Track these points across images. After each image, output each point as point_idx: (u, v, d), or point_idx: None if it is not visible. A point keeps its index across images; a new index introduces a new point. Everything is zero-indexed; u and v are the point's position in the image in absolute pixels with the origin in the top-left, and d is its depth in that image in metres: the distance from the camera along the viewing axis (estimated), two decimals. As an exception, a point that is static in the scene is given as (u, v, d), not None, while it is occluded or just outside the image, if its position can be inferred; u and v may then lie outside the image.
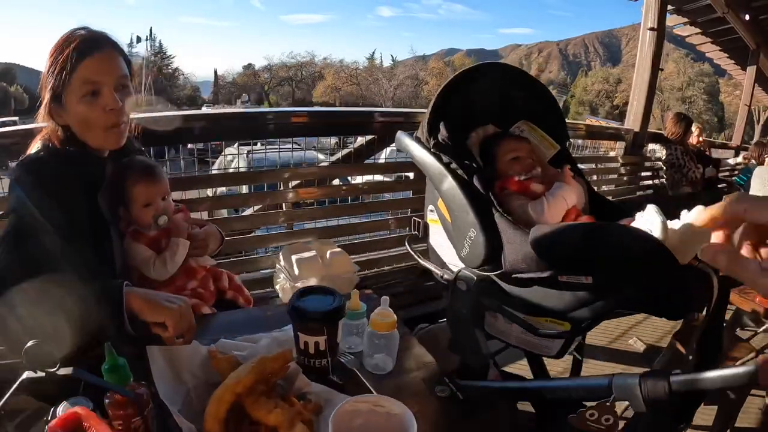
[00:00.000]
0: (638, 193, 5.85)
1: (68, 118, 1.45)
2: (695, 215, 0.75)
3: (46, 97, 1.43)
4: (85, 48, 1.41)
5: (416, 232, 1.87)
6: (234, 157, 4.06)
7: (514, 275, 1.41)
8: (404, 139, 1.77)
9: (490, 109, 1.88)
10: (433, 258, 1.82)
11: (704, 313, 1.32)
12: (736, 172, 7.75)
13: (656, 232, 1.17)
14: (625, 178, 5.61)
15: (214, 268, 1.86)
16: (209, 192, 2.86)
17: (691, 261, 1.20)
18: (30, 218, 1.30)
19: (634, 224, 1.29)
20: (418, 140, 1.71)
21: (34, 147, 1.48)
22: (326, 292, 1.27)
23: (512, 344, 1.61)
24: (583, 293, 1.34)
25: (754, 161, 6.97)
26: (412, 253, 1.86)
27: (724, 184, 6.41)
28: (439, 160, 1.59)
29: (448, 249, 1.66)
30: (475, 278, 1.47)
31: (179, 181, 2.50)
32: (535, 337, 1.50)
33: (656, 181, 5.78)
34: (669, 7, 5.90)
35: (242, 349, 1.27)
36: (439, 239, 1.74)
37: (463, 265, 1.54)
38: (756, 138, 13.40)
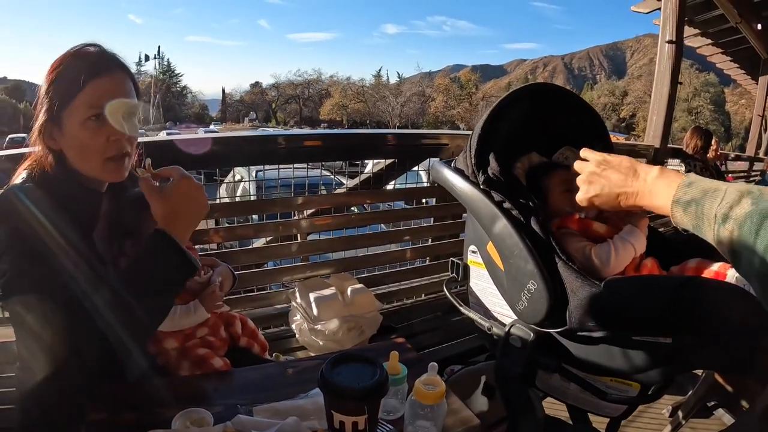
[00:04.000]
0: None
1: (64, 143, 1.27)
2: None
3: (42, 116, 1.25)
4: (96, 66, 1.25)
5: (454, 275, 1.67)
6: (242, 177, 3.91)
7: (579, 333, 1.22)
8: (444, 171, 1.56)
9: (533, 135, 1.68)
10: (475, 304, 1.62)
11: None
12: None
13: None
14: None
15: (226, 313, 1.68)
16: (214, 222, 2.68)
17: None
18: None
19: (727, 278, 1.11)
20: (461, 173, 1.51)
21: (19, 177, 1.28)
22: (364, 360, 1.07)
23: (569, 403, 1.42)
24: (658, 353, 1.16)
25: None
26: (454, 300, 1.65)
27: None
28: (490, 198, 1.39)
29: (493, 296, 1.47)
30: (533, 335, 1.28)
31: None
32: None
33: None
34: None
35: (264, 428, 1.08)
36: (482, 284, 1.54)
37: (516, 318, 1.35)
38: (765, 146, 13.36)
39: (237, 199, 3.52)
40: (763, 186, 0.89)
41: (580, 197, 1.23)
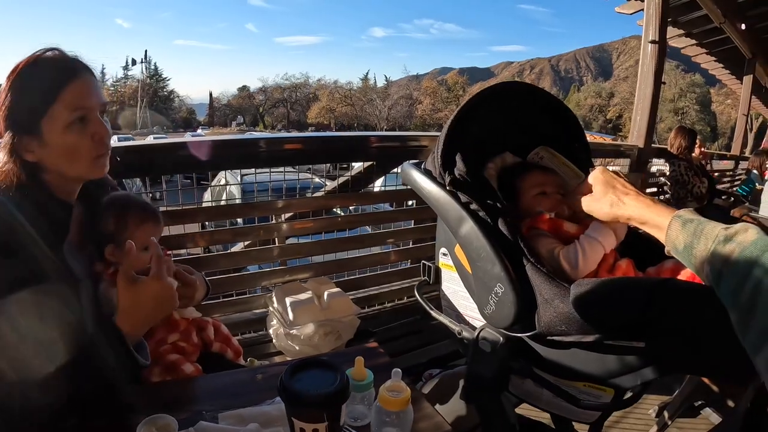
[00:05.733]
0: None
1: (45, 152, 1.23)
2: None
3: (9, 134, 1.21)
4: (68, 70, 1.23)
5: (426, 278, 1.64)
6: (227, 180, 3.88)
7: (549, 337, 1.19)
8: (412, 173, 1.52)
9: (506, 135, 1.65)
10: (447, 308, 1.59)
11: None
12: (737, 183, 7.72)
13: None
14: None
15: (198, 318, 1.66)
16: (197, 227, 2.64)
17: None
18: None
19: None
20: (429, 174, 1.47)
21: None
22: (325, 366, 1.04)
23: (542, 408, 1.40)
24: (631, 358, 1.13)
25: (755, 171, 6.95)
26: (424, 304, 1.62)
27: (727, 196, 6.47)
28: (457, 199, 1.35)
29: (465, 299, 1.44)
30: (503, 339, 1.25)
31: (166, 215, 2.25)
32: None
33: (661, 197, 5.65)
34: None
35: (226, 436, 1.06)
36: (453, 287, 1.51)
37: (486, 322, 1.32)
38: (750, 145, 13.49)
39: (222, 203, 3.48)
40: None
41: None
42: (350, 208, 3.25)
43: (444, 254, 1.53)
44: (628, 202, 1.17)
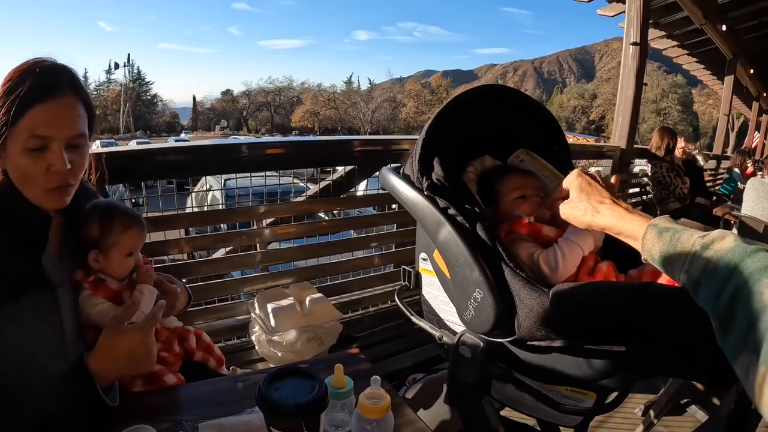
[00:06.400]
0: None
1: (8, 166, 1.17)
2: None
3: None
4: (43, 89, 1.14)
5: (406, 283, 1.63)
6: (211, 186, 3.84)
7: (529, 342, 1.18)
8: (390, 177, 1.51)
9: (486, 138, 1.64)
10: (428, 313, 1.58)
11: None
12: (720, 182, 7.80)
13: None
14: (613, 197, 5.39)
15: (180, 327, 1.63)
16: (179, 233, 2.61)
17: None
18: None
19: None
20: (407, 179, 1.46)
21: None
22: (303, 374, 1.03)
23: (524, 413, 1.39)
24: (612, 362, 1.13)
25: (737, 169, 7.02)
26: (405, 309, 1.61)
27: (710, 195, 6.45)
28: (435, 204, 1.34)
29: (445, 304, 1.43)
30: (483, 344, 1.24)
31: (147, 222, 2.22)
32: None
33: (644, 198, 5.68)
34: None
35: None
36: (433, 292, 1.50)
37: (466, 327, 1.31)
38: (732, 145, 13.65)
39: (205, 208, 3.44)
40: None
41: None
42: (334, 212, 3.24)
43: (424, 259, 1.52)
44: (603, 211, 1.14)
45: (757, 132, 16.06)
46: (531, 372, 1.25)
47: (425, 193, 1.37)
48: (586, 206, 1.17)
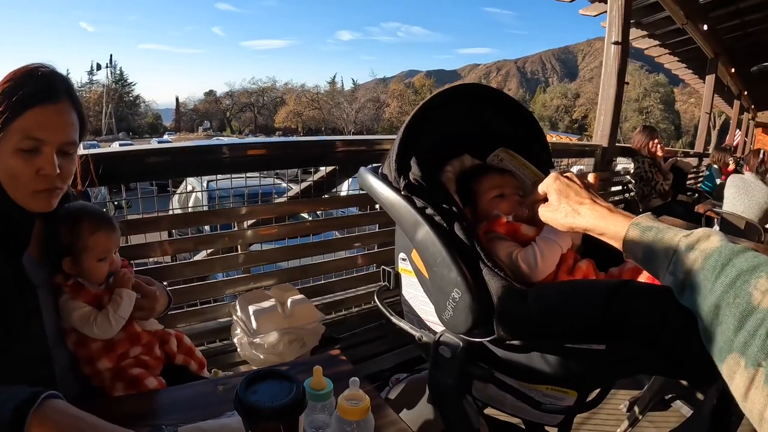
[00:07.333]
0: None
1: None
2: None
3: None
4: (41, 93, 1.17)
5: (386, 283, 1.62)
6: (193, 187, 3.81)
7: (508, 341, 1.18)
8: (368, 177, 1.50)
9: (465, 137, 1.64)
10: (408, 313, 1.58)
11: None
12: (701, 179, 7.88)
13: None
14: (596, 195, 5.43)
15: (160, 330, 1.61)
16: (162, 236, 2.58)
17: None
18: None
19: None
20: (385, 178, 1.45)
21: None
22: (281, 376, 1.02)
23: (507, 412, 1.38)
24: (592, 360, 1.13)
25: (715, 165, 7.10)
26: (384, 310, 1.59)
27: (692, 192, 6.59)
28: (412, 204, 1.33)
29: (425, 303, 1.42)
30: (462, 344, 1.23)
31: (124, 224, 2.20)
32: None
33: (626, 195, 5.72)
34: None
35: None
36: (413, 292, 1.49)
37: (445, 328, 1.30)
38: (713, 142, 13.81)
39: (189, 210, 3.41)
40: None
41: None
42: (318, 212, 3.23)
43: (403, 259, 1.51)
44: (583, 212, 1.11)
45: (738, 130, 16.28)
46: (511, 371, 1.25)
47: (402, 192, 1.37)
48: (566, 209, 1.14)
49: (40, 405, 0.92)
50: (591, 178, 1.27)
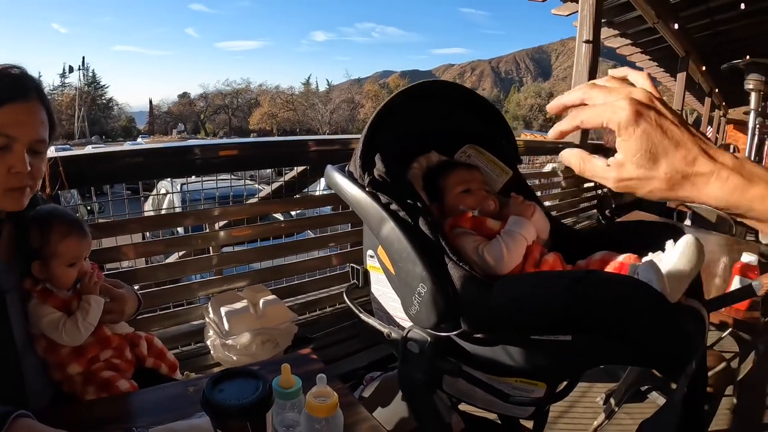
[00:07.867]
0: (582, 205, 5.86)
1: None
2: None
3: None
4: (12, 91, 1.17)
5: (355, 281, 1.62)
6: (167, 190, 3.77)
7: (476, 335, 1.18)
8: (334, 175, 1.50)
9: (432, 134, 1.65)
10: (377, 310, 1.58)
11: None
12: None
13: (655, 283, 0.98)
14: (568, 191, 5.56)
15: (131, 333, 1.60)
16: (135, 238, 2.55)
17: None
18: None
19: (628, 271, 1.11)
20: (351, 176, 1.45)
21: None
22: (248, 375, 1.02)
23: (478, 406, 1.39)
24: (559, 352, 1.14)
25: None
26: (353, 308, 1.60)
27: None
28: (377, 200, 1.34)
29: (393, 300, 1.43)
30: (430, 339, 1.24)
31: (95, 228, 2.16)
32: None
33: (599, 191, 5.78)
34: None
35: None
36: (382, 289, 1.50)
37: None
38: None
39: (162, 212, 3.38)
40: None
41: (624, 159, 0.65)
42: (292, 212, 3.22)
43: (371, 256, 1.52)
44: (700, 183, 0.63)
45: (709, 126, 16.55)
46: (479, 365, 1.25)
47: (367, 189, 1.37)
48: (667, 173, 0.63)
49: (10, 427, 0.93)
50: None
